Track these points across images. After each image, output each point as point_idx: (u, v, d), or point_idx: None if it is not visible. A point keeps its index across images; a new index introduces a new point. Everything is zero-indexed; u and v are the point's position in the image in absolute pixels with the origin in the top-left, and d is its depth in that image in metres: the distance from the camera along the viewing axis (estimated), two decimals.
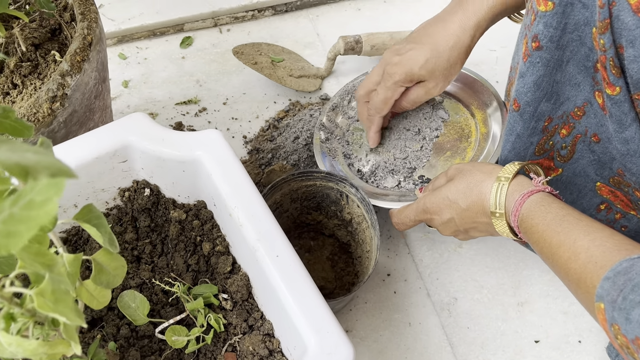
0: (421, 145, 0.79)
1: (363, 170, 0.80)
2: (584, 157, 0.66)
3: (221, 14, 1.06)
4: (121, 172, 0.61)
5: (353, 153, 0.82)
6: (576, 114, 0.62)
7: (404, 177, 0.77)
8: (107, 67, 0.70)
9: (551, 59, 0.59)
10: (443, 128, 0.80)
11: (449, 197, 0.62)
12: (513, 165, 0.59)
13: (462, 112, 0.82)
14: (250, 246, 0.53)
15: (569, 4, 0.54)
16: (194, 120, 0.95)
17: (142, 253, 0.62)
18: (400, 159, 0.78)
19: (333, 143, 0.83)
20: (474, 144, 0.78)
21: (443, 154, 0.78)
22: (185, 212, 0.62)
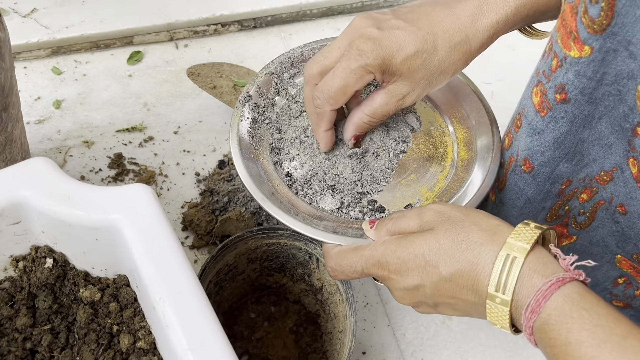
0: (383, 163, 0.56)
1: (294, 175, 0.56)
2: (604, 226, 0.54)
3: (178, 27, 0.91)
4: (13, 235, 0.45)
5: (284, 148, 0.57)
6: (602, 178, 0.50)
7: (350, 200, 0.54)
8: (15, 91, 0.54)
9: (579, 114, 0.46)
10: (411, 141, 0.58)
11: (424, 256, 0.42)
12: (528, 228, 0.40)
13: (438, 124, 0.60)
14: (179, 356, 0.38)
15: (611, 51, 0.42)
16: (137, 151, 0.79)
17: (38, 345, 0.46)
18: (349, 179, 0.55)
19: (259, 128, 0.58)
20: (449, 170, 0.57)
21: (405, 176, 0.56)
22: (100, 291, 0.47)
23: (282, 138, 0.58)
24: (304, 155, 0.56)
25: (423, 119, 0.60)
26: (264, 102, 0.60)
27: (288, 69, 0.61)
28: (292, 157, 0.57)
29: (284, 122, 0.59)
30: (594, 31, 0.42)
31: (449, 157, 0.58)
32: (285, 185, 0.55)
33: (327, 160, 0.55)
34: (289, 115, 0.59)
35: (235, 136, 0.56)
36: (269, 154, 0.57)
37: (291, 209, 0.52)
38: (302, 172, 0.56)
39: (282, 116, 0.59)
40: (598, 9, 0.40)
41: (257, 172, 0.54)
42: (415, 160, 0.57)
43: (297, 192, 0.55)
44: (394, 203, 0.54)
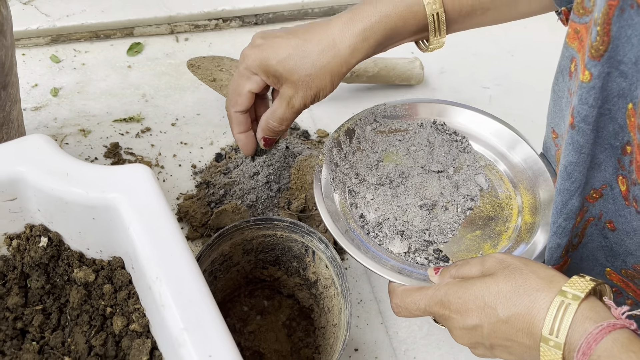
0: (450, 217, 0.61)
1: (367, 217, 0.60)
2: (593, 241, 0.54)
3: (179, 20, 0.91)
4: (8, 213, 0.45)
5: (360, 192, 0.62)
6: (592, 196, 0.50)
7: (417, 246, 0.58)
8: (14, 71, 0.54)
9: (585, 144, 0.46)
10: (479, 200, 0.63)
11: (483, 297, 0.45)
12: (584, 280, 0.43)
13: (505, 186, 0.65)
14: (174, 337, 0.37)
15: (607, 74, 0.42)
16: (134, 141, 0.78)
17: (29, 325, 0.45)
18: (418, 227, 0.60)
19: (340, 171, 0.63)
20: (512, 232, 0.60)
21: (472, 231, 0.60)
22: (94, 272, 0.46)
23: (360, 183, 0.63)
24: (378, 201, 0.61)
25: (492, 181, 0.65)
26: (346, 149, 0.65)
27: (371, 122, 0.67)
28: (367, 201, 0.61)
29: (362, 169, 0.64)
30: (592, 56, 0.42)
31: (514, 219, 0.61)
32: (358, 225, 0.59)
33: (399, 208, 0.61)
34: (367, 163, 0.65)
35: (319, 176, 0.61)
36: (347, 195, 0.62)
37: (361, 246, 0.56)
38: (375, 215, 0.60)
39: (360, 163, 0.64)
40: (595, 33, 0.41)
41: (334, 210, 0.58)
42: (481, 218, 0.61)
43: (368, 232, 0.59)
44: (458, 254, 0.58)
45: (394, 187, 0.63)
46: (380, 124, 0.68)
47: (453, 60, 0.97)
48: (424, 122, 0.68)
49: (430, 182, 0.64)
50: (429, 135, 0.67)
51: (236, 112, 0.59)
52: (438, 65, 0.96)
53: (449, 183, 0.63)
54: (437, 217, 0.61)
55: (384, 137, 0.67)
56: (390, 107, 0.68)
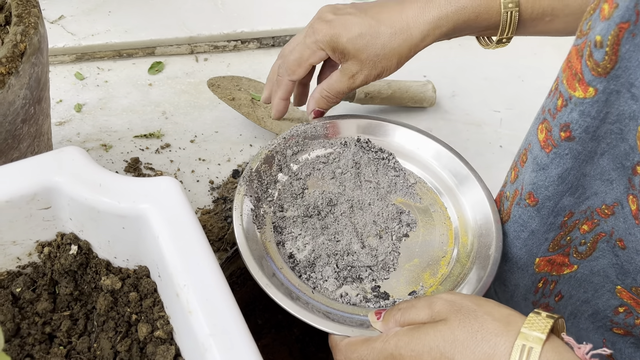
0: (387, 246, 0.56)
1: (297, 257, 0.55)
2: (605, 257, 0.55)
3: (199, 41, 0.94)
4: (42, 221, 0.47)
5: (287, 227, 0.57)
6: (603, 211, 0.52)
7: (354, 285, 0.54)
8: (47, 86, 0.56)
9: (583, 150, 0.48)
10: (416, 224, 0.59)
11: (439, 348, 0.41)
12: (540, 317, 0.41)
13: (438, 205, 0.61)
14: (200, 342, 0.39)
15: (614, 92, 0.44)
16: (154, 157, 0.81)
17: (57, 330, 0.47)
18: (354, 263, 0.54)
19: (262, 206, 0.58)
20: (450, 256, 0.57)
21: (409, 260, 0.56)
22: (121, 280, 0.48)
23: (284, 216, 0.58)
24: (306, 236, 0.56)
25: (423, 198, 0.62)
26: (267, 179, 0.60)
27: (291, 146, 0.62)
28: (295, 237, 0.56)
29: (286, 200, 0.59)
30: (598, 74, 0.44)
31: (451, 242, 0.58)
32: (288, 267, 0.54)
33: (330, 242, 0.56)
34: (291, 192, 0.59)
35: (239, 215, 0.55)
36: (272, 233, 0.56)
37: (292, 293, 0.51)
38: (306, 253, 0.55)
39: (284, 193, 0.59)
40: (602, 54, 0.43)
41: (260, 254, 0.53)
42: (417, 244, 0.57)
43: (300, 275, 0.54)
44: (398, 289, 0.54)
45: (323, 218, 0.58)
46: (301, 147, 0.63)
47: (464, 84, 0.99)
48: (348, 141, 0.64)
49: (361, 209, 0.59)
50: (354, 155, 0.63)
51: (290, 81, 0.61)
52: (450, 89, 0.98)
53: (381, 207, 0.60)
54: (373, 248, 0.56)
55: (306, 161, 0.63)
56: (310, 127, 0.64)
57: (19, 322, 0.46)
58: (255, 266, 0.51)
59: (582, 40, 0.45)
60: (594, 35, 0.43)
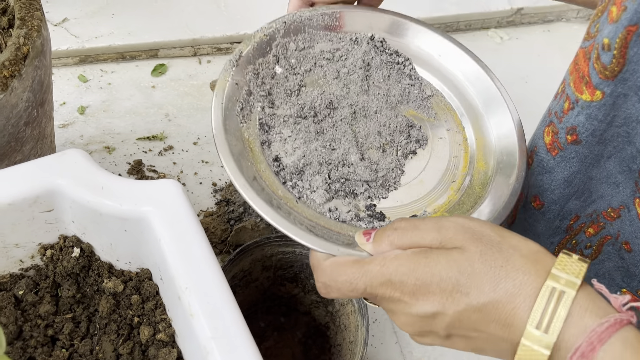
0: (389, 162, 0.49)
1: (283, 161, 0.47)
2: (611, 260, 0.55)
3: (202, 43, 0.94)
4: (44, 224, 0.47)
5: (275, 126, 0.48)
6: (609, 214, 0.51)
7: (347, 201, 0.46)
8: (50, 89, 0.56)
9: (590, 154, 0.48)
10: (426, 142, 0.51)
11: (451, 280, 0.35)
12: (572, 260, 0.35)
13: (455, 124, 0.53)
14: (202, 345, 0.39)
15: (622, 95, 0.44)
16: (156, 159, 0.81)
17: (59, 332, 0.47)
18: (350, 176, 0.47)
19: (253, 100, 0.49)
20: (462, 182, 0.49)
21: (414, 182, 0.49)
22: (123, 283, 0.48)
23: (274, 114, 0.49)
24: (298, 139, 0.48)
25: (439, 116, 0.53)
26: (264, 70, 0.51)
27: (292, 34, 0.53)
28: (284, 139, 0.48)
29: (279, 96, 0.50)
30: (605, 77, 0.43)
31: (464, 165, 0.50)
32: (271, 170, 0.46)
33: (324, 149, 0.47)
34: (285, 88, 0.51)
35: (220, 103, 0.46)
36: (257, 131, 0.47)
37: (273, 200, 0.43)
38: (294, 158, 0.47)
39: (277, 88, 0.51)
40: (610, 56, 0.42)
41: (239, 151, 0.45)
42: (425, 164, 0.50)
43: (285, 181, 0.45)
44: (396, 211, 0.47)
45: (319, 121, 0.49)
46: (304, 37, 0.54)
47: None
48: (360, 37, 0.55)
49: (365, 117, 0.51)
50: (364, 55, 0.54)
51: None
52: None
53: (389, 118, 0.51)
54: (373, 162, 0.49)
55: (307, 54, 0.54)
56: (317, 14, 0.54)
57: (21, 325, 0.46)
58: (232, 164, 0.43)
59: (590, 43, 0.45)
60: (601, 37, 0.43)
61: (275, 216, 0.41)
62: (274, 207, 0.41)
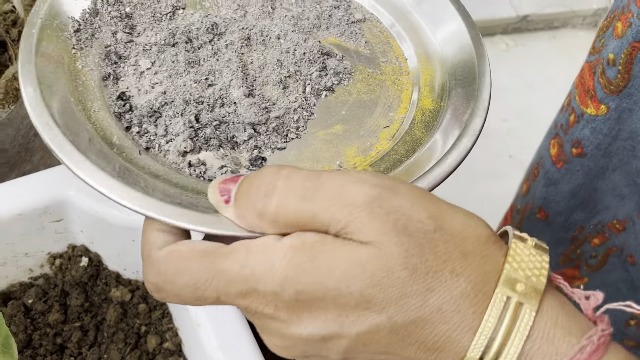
0: (292, 100, 0.36)
1: (133, 100, 0.34)
2: (616, 271, 0.55)
3: None
4: (54, 233, 0.47)
5: (130, 56, 0.36)
6: (614, 226, 0.52)
7: (221, 152, 0.33)
8: None
9: (594, 167, 0.49)
10: (351, 76, 0.39)
11: (360, 292, 0.23)
12: (527, 247, 0.25)
13: (394, 53, 0.41)
14: (208, 355, 0.39)
15: (627, 110, 0.44)
16: None
17: (67, 341, 0.47)
18: (230, 118, 0.34)
19: (98, 19, 0.37)
20: (398, 126, 0.36)
21: (327, 126, 0.36)
22: (130, 292, 0.48)
23: (132, 41, 0.37)
24: (160, 72, 0.36)
25: (372, 45, 0.41)
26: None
27: None
28: (140, 72, 0.36)
29: (142, 19, 0.38)
30: (610, 91, 0.44)
31: (403, 106, 0.37)
32: (111, 113, 0.33)
33: (197, 84, 0.35)
34: (154, 10, 0.39)
35: (38, 18, 0.34)
36: (99, 62, 0.35)
37: (101, 152, 0.30)
38: (150, 97, 0.34)
39: (141, 10, 0.39)
40: (615, 72, 0.43)
41: (57, 79, 0.33)
42: (346, 105, 0.37)
43: (129, 126, 0.33)
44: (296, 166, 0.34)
45: (194, 49, 0.37)
46: None
47: None
48: None
49: (263, 44, 0.38)
50: None
51: None
52: None
53: (296, 43, 0.38)
54: (266, 99, 0.36)
55: None
56: None
57: (30, 333, 0.46)
58: (33, 92, 0.31)
59: (595, 58, 0.46)
60: (607, 52, 0.43)
61: (92, 172, 0.28)
62: (98, 159, 0.29)
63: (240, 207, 0.25)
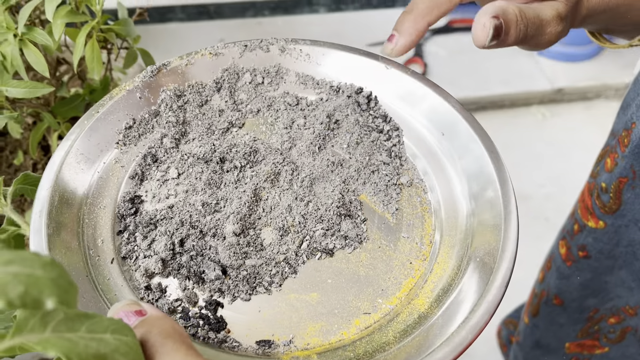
0: (279, 251, 0.34)
1: (143, 207, 0.36)
2: (633, 346, 0.61)
3: None
4: None
5: (167, 160, 0.38)
6: (627, 311, 0.58)
7: (197, 291, 0.33)
8: None
9: (600, 266, 0.55)
10: (360, 244, 0.35)
11: None
12: None
13: (421, 235, 0.36)
14: None
15: (623, 226, 0.51)
16: None
17: None
18: (211, 251, 0.34)
19: (155, 119, 0.39)
20: (379, 318, 0.32)
21: (302, 292, 0.33)
22: None
23: (175, 148, 0.39)
24: (181, 184, 0.37)
25: (403, 215, 0.37)
26: (192, 95, 0.41)
27: (251, 69, 0.42)
28: (165, 180, 0.37)
29: (196, 129, 0.40)
30: (605, 212, 0.51)
31: (398, 296, 0.33)
32: (115, 212, 0.35)
33: (202, 206, 0.35)
34: (212, 122, 0.40)
35: (102, 106, 0.37)
36: (135, 159, 0.38)
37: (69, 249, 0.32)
38: (159, 206, 0.36)
39: (200, 119, 0.40)
40: (608, 197, 0.50)
41: (72, 178, 0.35)
42: (337, 273, 0.34)
43: (122, 230, 0.34)
44: (244, 327, 0.31)
45: (222, 172, 0.37)
46: (268, 70, 0.42)
47: (511, 159, 1.07)
48: (343, 88, 0.42)
49: (290, 182, 0.37)
50: (336, 109, 0.41)
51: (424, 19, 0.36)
52: None
53: (319, 193, 0.37)
54: (252, 244, 0.34)
55: (265, 92, 0.42)
56: (294, 46, 0.42)
57: None
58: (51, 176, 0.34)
59: (592, 181, 0.53)
60: (600, 181, 0.51)
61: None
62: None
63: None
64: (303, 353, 0.30)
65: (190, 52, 0.41)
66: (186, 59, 0.41)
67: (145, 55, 0.53)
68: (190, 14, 1.40)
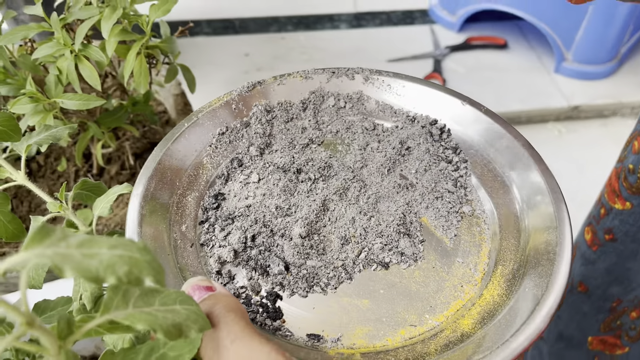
0: (336, 258, 0.37)
1: (225, 203, 0.41)
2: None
3: None
4: None
5: (250, 166, 0.43)
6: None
7: (256, 275, 0.37)
8: None
9: (625, 250, 0.59)
10: (415, 263, 0.37)
11: None
12: None
13: (476, 262, 0.37)
14: None
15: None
16: None
17: None
18: (279, 252, 0.37)
19: (245, 130, 0.45)
20: (424, 331, 0.34)
21: (355, 297, 0.36)
22: None
23: (259, 156, 0.44)
24: (260, 188, 0.41)
25: (461, 242, 0.38)
26: (280, 111, 0.46)
27: (335, 94, 0.47)
28: (247, 182, 0.41)
29: (279, 143, 0.44)
30: (632, 192, 0.54)
31: (445, 314, 0.35)
32: (200, 204, 0.40)
33: (279, 210, 0.39)
34: (294, 138, 0.45)
35: (199, 116, 0.43)
36: (223, 163, 0.43)
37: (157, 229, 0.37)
38: (240, 204, 0.40)
39: (284, 134, 0.45)
40: (635, 178, 0.54)
41: (178, 165, 0.41)
42: (390, 285, 0.36)
43: (205, 220, 0.39)
44: (298, 321, 0.34)
45: (297, 182, 0.41)
46: (351, 97, 0.47)
47: None
48: (418, 118, 0.45)
49: (357, 197, 0.40)
50: (409, 137, 0.44)
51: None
52: None
53: (383, 211, 0.40)
54: (315, 248, 0.37)
55: (345, 116, 0.47)
56: (378, 76, 0.46)
57: None
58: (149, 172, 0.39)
59: (620, 165, 0.56)
60: (627, 163, 0.54)
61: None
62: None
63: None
64: (348, 351, 0.33)
65: (284, 74, 0.46)
66: (279, 80, 0.46)
67: (185, 70, 0.57)
68: (216, 28, 1.45)
